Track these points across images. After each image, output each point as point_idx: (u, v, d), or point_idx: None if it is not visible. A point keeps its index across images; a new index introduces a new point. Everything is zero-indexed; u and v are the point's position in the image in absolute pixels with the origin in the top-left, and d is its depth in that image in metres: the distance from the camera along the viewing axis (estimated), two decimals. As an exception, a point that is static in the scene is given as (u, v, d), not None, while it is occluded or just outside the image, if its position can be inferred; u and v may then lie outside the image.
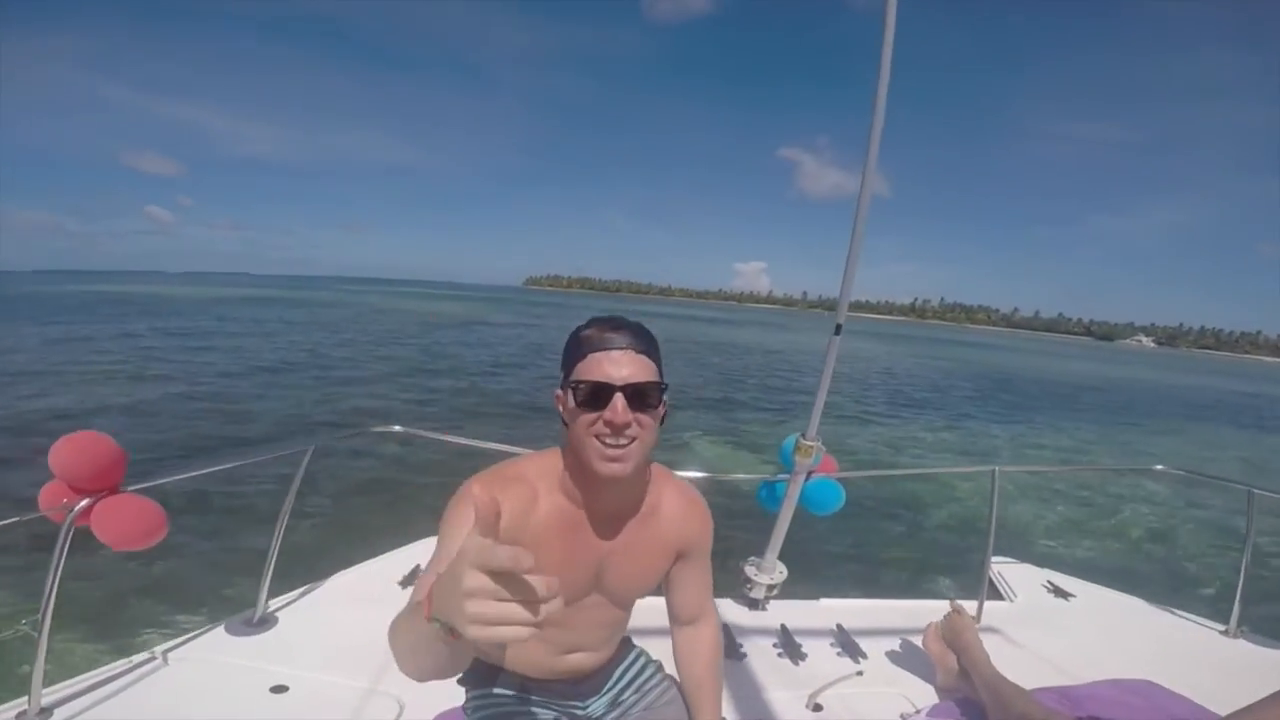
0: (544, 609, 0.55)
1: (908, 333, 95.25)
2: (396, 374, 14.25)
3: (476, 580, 0.54)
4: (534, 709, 1.15)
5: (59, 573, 1.33)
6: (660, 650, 1.83)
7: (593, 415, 0.90)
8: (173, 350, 15.31)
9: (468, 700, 1.18)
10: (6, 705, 1.38)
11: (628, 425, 0.90)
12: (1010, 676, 1.66)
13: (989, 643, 1.81)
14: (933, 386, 19.78)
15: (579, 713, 1.20)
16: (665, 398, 0.97)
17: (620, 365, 0.91)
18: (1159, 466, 2.77)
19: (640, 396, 0.91)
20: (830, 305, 1.92)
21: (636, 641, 1.36)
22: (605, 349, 0.93)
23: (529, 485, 0.99)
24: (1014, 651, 2.01)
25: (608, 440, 0.90)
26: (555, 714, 1.17)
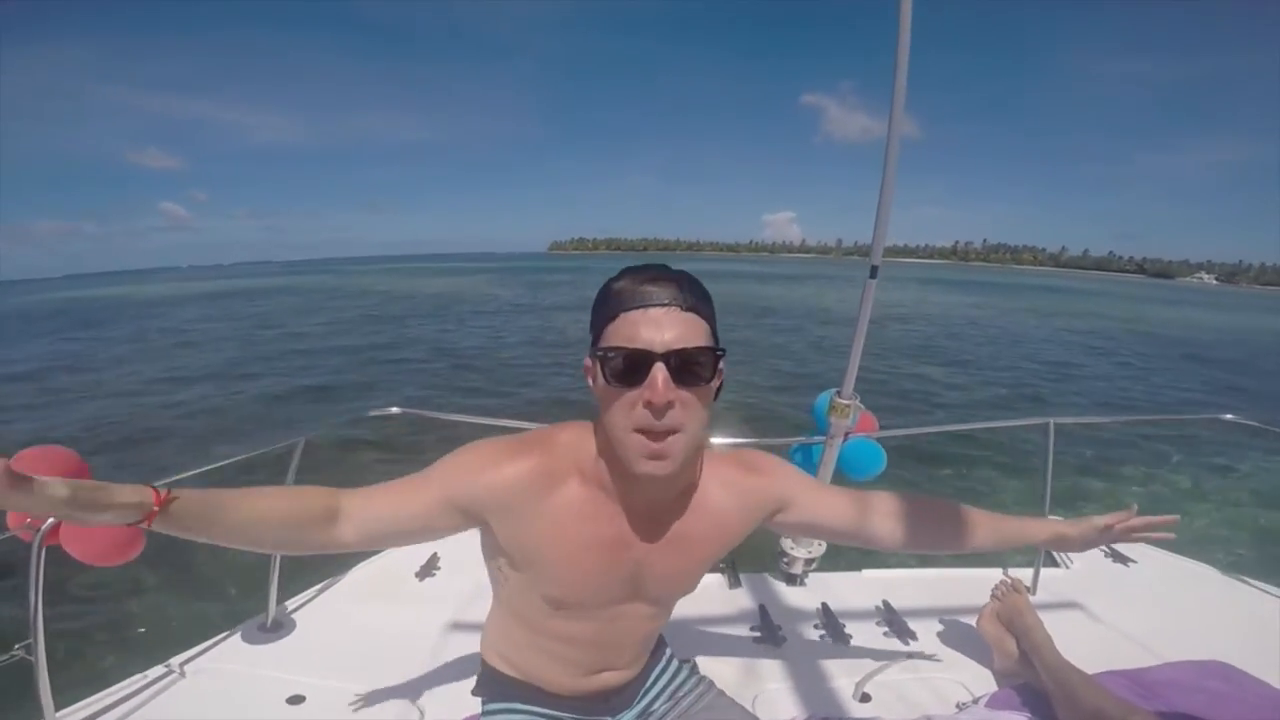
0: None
1: (951, 277, 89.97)
2: (383, 357, 13.37)
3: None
4: None
5: (40, 593, 1.27)
6: (691, 643, 1.73)
7: (629, 393, 0.73)
8: (138, 353, 14.59)
9: (484, 714, 1.07)
10: None
11: (670, 405, 0.72)
12: (1071, 655, 1.51)
13: (1045, 617, 1.66)
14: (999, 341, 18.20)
15: None
16: (721, 366, 0.77)
17: (662, 326, 0.72)
18: (1228, 416, 2.48)
19: (688, 367, 0.73)
20: (866, 251, 1.75)
21: (664, 632, 1.21)
22: (643, 305, 0.73)
23: (551, 459, 0.83)
24: (1073, 627, 1.85)
25: (645, 424, 0.73)
26: None
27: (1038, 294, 49.31)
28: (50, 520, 1.22)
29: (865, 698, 1.58)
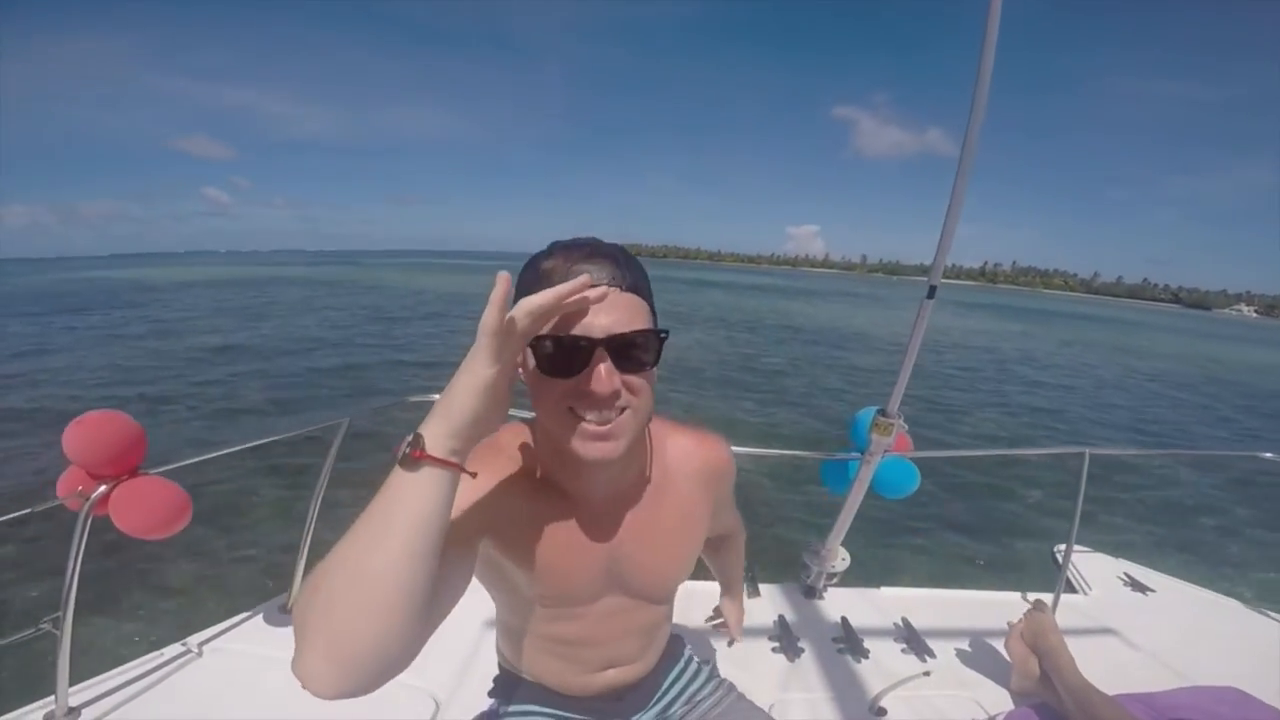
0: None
1: (986, 301, 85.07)
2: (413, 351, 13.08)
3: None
4: None
5: (79, 564, 1.28)
6: (708, 650, 1.74)
7: (565, 383, 0.66)
8: (183, 332, 14.48)
9: (500, 715, 1.06)
10: (32, 705, 1.35)
11: (615, 395, 0.66)
12: (1088, 678, 1.52)
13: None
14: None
15: None
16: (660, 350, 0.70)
17: (600, 309, 0.65)
18: (1268, 455, 2.44)
19: (629, 352, 0.66)
20: (892, 269, 1.72)
21: (683, 635, 1.22)
22: None
23: (505, 459, 0.80)
24: (1090, 651, 1.84)
25: (588, 415, 0.67)
26: None
27: (1087, 325, 46.12)
28: (100, 489, 1.24)
29: (881, 712, 1.58)
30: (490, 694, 1.10)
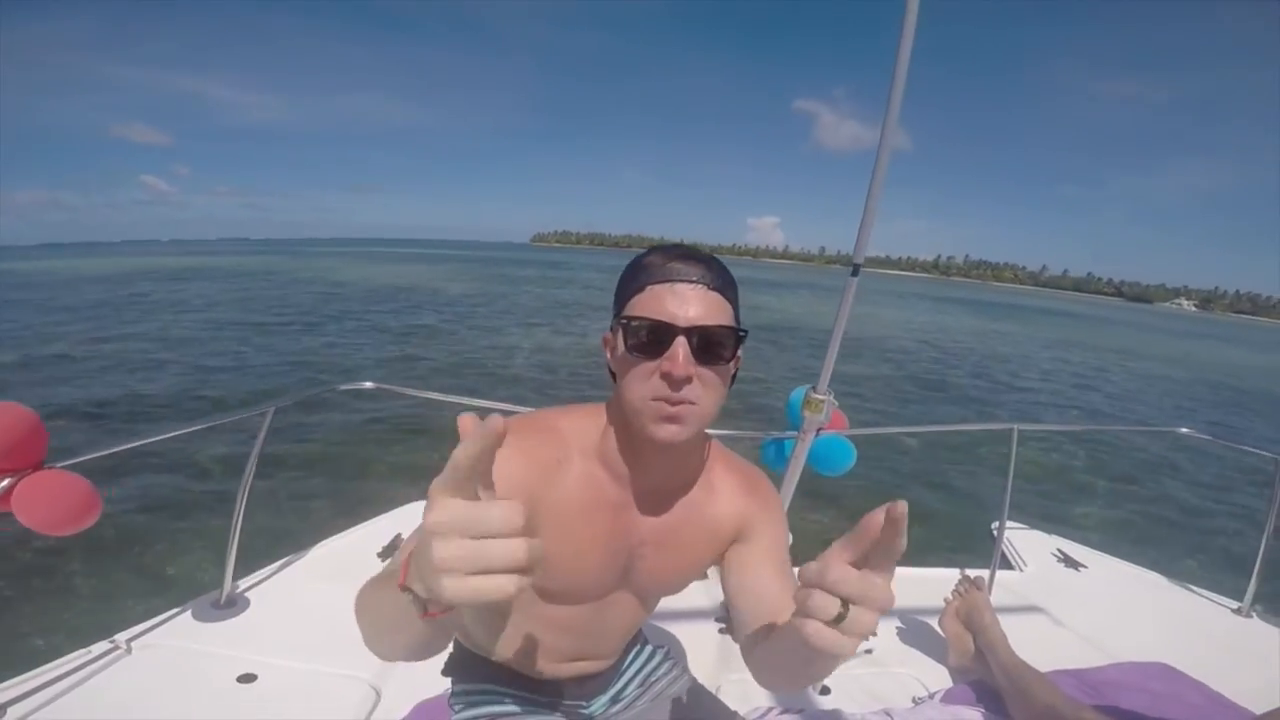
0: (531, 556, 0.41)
1: (946, 294, 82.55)
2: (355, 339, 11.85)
3: (444, 511, 0.41)
4: (531, 709, 1.01)
5: None
6: (656, 633, 1.74)
7: (647, 364, 0.73)
8: (105, 323, 13.02)
9: (454, 694, 1.04)
10: None
11: (688, 379, 0.72)
12: (1022, 654, 1.57)
13: (999, 616, 1.71)
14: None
15: (583, 711, 1.07)
16: (740, 351, 0.77)
17: (687, 302, 0.72)
18: (1184, 429, 2.58)
19: (709, 344, 0.73)
20: (849, 260, 1.74)
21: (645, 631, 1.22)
22: (670, 280, 0.73)
23: (560, 440, 0.82)
24: (1024, 627, 1.91)
25: (662, 395, 0.73)
26: (557, 716, 1.04)
27: (1057, 320, 44.37)
28: (4, 482, 1.17)
29: (825, 691, 1.61)
30: (444, 671, 1.08)
